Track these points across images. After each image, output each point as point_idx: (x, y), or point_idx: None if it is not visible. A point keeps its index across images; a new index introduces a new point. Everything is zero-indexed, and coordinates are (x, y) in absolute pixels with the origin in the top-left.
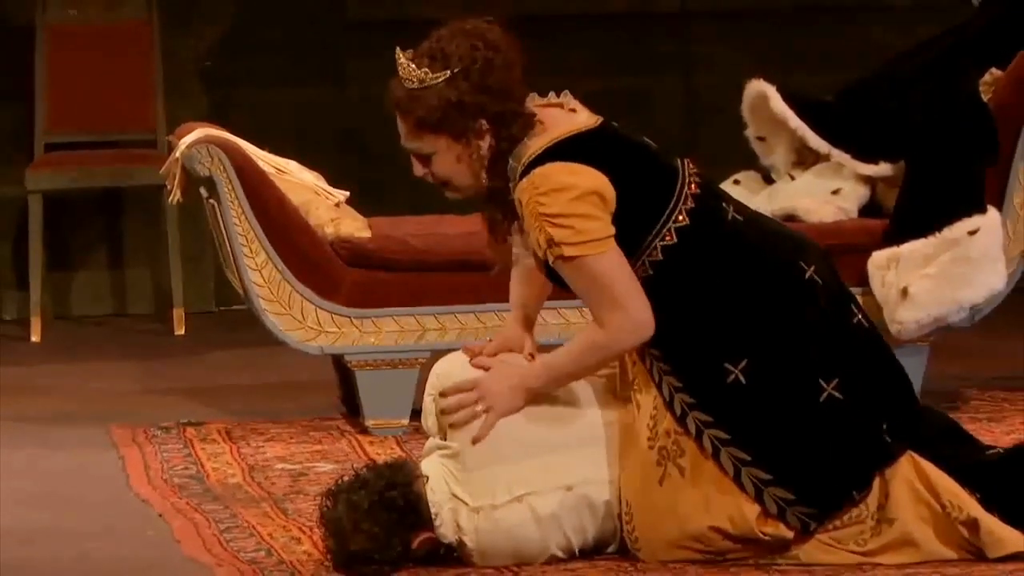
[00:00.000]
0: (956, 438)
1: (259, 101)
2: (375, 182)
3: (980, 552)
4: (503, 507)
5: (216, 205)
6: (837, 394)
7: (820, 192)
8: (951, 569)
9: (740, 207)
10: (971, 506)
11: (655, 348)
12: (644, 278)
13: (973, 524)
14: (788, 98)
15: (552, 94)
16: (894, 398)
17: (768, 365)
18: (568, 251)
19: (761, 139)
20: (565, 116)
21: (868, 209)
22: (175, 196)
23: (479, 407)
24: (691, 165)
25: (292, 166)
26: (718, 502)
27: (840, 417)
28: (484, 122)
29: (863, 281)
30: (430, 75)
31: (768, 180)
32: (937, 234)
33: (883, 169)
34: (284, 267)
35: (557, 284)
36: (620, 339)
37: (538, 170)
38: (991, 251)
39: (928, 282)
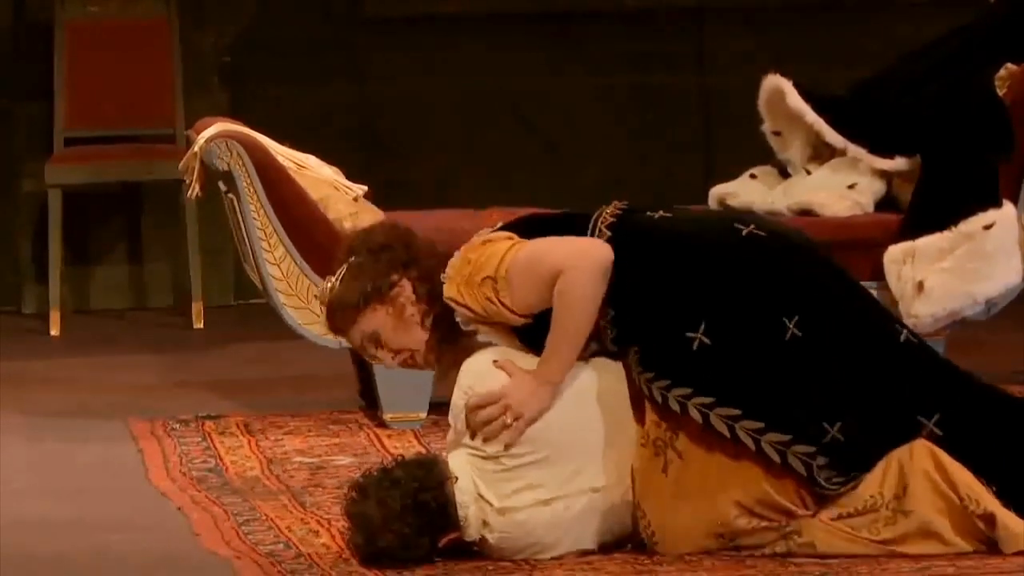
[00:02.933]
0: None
1: (277, 97)
2: (393, 177)
3: (995, 545)
4: (528, 509)
5: (235, 199)
6: (797, 332)
7: (836, 187)
8: (966, 561)
9: (670, 208)
10: (988, 500)
11: (632, 349)
12: None
13: (989, 518)
14: (804, 93)
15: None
16: (868, 331)
17: (726, 317)
18: (502, 271)
19: (777, 134)
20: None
21: (884, 204)
22: (194, 191)
23: (508, 418)
24: (616, 204)
25: (311, 161)
26: (724, 471)
27: (805, 354)
28: (395, 274)
29: (879, 275)
30: (332, 279)
31: (784, 175)
32: (952, 228)
33: (899, 164)
34: (303, 261)
35: (534, 347)
36: (580, 266)
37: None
38: (1006, 245)
39: (944, 276)
